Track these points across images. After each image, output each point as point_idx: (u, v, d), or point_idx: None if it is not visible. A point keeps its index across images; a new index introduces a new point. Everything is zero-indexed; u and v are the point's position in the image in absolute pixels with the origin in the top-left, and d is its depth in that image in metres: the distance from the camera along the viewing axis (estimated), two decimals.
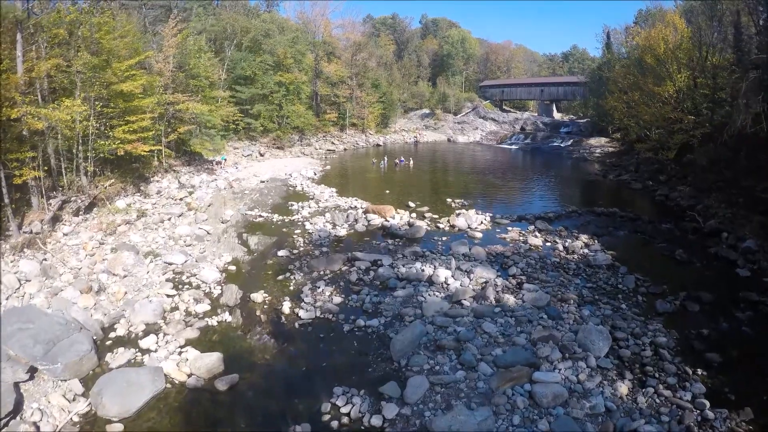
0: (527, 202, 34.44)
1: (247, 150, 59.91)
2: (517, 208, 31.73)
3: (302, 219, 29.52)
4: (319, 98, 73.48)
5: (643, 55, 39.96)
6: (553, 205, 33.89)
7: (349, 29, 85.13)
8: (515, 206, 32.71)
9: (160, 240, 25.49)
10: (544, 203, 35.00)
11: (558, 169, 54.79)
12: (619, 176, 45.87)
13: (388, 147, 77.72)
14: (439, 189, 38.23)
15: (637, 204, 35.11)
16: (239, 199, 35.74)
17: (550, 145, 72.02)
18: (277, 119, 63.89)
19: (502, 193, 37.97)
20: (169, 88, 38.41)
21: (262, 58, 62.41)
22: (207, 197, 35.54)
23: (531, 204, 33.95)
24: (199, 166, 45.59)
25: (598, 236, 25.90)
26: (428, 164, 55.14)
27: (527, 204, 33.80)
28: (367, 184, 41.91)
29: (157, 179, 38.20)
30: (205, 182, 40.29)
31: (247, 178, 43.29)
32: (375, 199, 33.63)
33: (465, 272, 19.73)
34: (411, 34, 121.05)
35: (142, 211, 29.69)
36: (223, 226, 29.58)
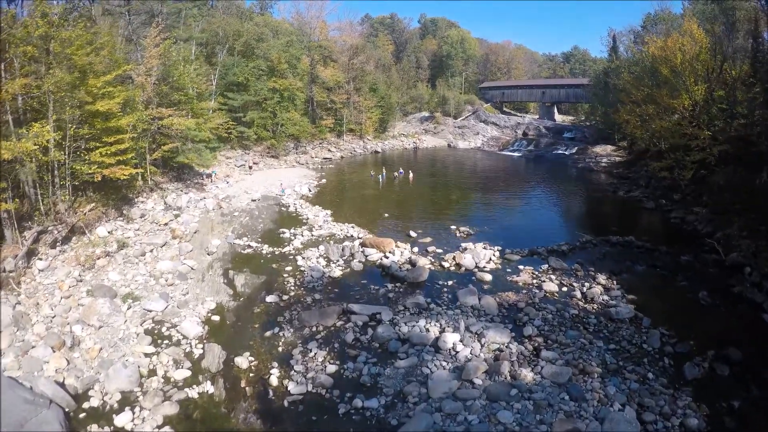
0: (537, 229, 32.06)
1: (240, 160, 57.49)
2: (527, 237, 29.41)
3: (294, 251, 27.20)
4: (315, 104, 70.94)
5: (659, 66, 37.55)
6: (565, 232, 31.68)
7: (346, 31, 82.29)
8: (525, 234, 30.36)
9: (140, 279, 23.33)
10: (555, 229, 32.78)
11: (565, 181, 52.46)
12: (629, 192, 43.62)
13: (387, 153, 75.39)
14: (442, 211, 35.98)
15: (651, 228, 32.96)
16: (227, 223, 33.41)
17: (555, 152, 69.73)
18: (271, 127, 61.45)
19: (510, 216, 35.42)
20: (153, 103, 35.88)
21: (255, 64, 59.89)
22: (193, 221, 33.24)
23: (541, 230, 31.59)
24: (188, 180, 43.22)
25: (616, 274, 23.82)
26: (429, 177, 52.71)
27: (537, 231, 31.44)
28: (365, 203, 39.59)
29: (141, 200, 35.84)
30: (193, 202, 37.87)
31: (238, 196, 40.91)
32: (373, 225, 31.41)
33: (475, 335, 17.43)
34: (410, 34, 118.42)
35: (122, 242, 27.31)
36: (208, 259, 27.32)
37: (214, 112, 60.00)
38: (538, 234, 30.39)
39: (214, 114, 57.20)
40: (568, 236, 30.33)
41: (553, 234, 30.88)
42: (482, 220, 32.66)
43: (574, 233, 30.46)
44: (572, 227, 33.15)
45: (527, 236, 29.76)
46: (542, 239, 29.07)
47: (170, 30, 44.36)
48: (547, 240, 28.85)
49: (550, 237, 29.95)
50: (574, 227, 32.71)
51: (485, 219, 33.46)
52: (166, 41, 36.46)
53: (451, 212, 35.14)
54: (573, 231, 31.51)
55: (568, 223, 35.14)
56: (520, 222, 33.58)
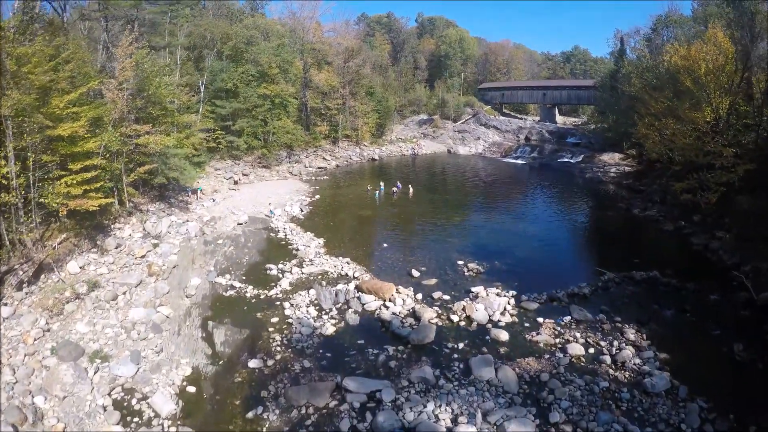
0: (552, 261, 28.92)
1: (230, 171, 54.24)
2: (543, 274, 26.49)
3: (281, 294, 24.15)
4: (308, 110, 67.68)
5: (680, 76, 34.54)
6: (583, 266, 28.80)
7: (341, 33, 78.78)
8: (539, 268, 27.38)
9: (110, 331, 20.70)
10: (572, 261, 29.87)
11: (574, 196, 49.58)
12: (645, 211, 40.77)
13: (384, 161, 72.29)
14: (446, 238, 32.75)
15: (674, 258, 30.11)
16: (210, 254, 30.35)
17: (560, 160, 66.74)
18: (262, 136, 58.23)
19: (521, 244, 31.66)
20: (128, 120, 32.62)
21: (244, 69, 56.53)
22: (173, 252, 30.22)
23: (557, 264, 28.59)
24: (172, 199, 40.03)
25: (645, 324, 21.17)
26: (429, 192, 49.34)
27: (553, 264, 28.39)
28: (361, 228, 36.45)
29: (118, 226, 32.69)
30: (174, 226, 34.73)
31: (224, 217, 37.77)
32: (370, 259, 28.43)
33: (494, 427, 14.42)
34: (407, 34, 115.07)
35: (93, 282, 24.35)
36: (186, 303, 24.41)
37: (204, 118, 57.09)
38: (554, 269, 27.47)
39: (201, 123, 54.28)
40: (587, 272, 27.40)
41: (571, 268, 28.01)
42: (491, 252, 29.46)
43: (593, 268, 27.44)
44: (590, 259, 30.16)
45: (542, 272, 26.83)
46: (559, 276, 26.20)
47: (147, 37, 40.91)
48: (565, 277, 25.99)
49: (568, 273, 27.06)
50: (592, 259, 29.72)
51: (494, 249, 30.22)
52: (140, 51, 33.08)
53: (456, 240, 31.98)
54: (591, 264, 28.53)
55: (584, 253, 32.10)
56: (533, 253, 30.33)
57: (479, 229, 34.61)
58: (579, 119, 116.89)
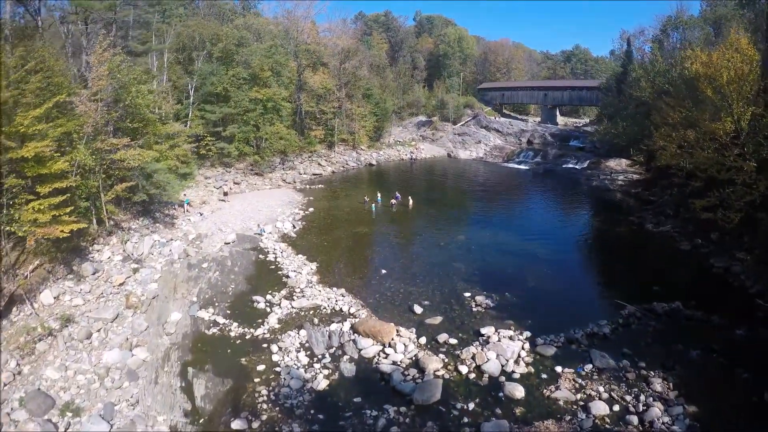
0: (566, 291, 26.07)
1: (220, 179, 51.79)
2: (558, 307, 24.08)
3: (269, 334, 21.81)
4: (303, 114, 65.11)
5: (700, 84, 32.12)
6: (600, 297, 26.32)
7: (337, 32, 76.08)
8: (553, 300, 24.78)
9: (83, 379, 18.96)
10: (588, 291, 27.33)
11: (582, 208, 47.37)
12: (659, 226, 38.57)
13: (382, 166, 69.83)
14: (450, 262, 29.69)
15: (694, 284, 27.79)
16: (193, 281, 27.97)
17: (565, 166, 64.33)
18: (254, 142, 55.69)
19: (531, 270, 28.91)
20: (104, 133, 30.07)
21: (234, 72, 53.94)
22: (154, 279, 27.99)
23: (572, 294, 25.91)
24: (157, 213, 37.56)
25: (670, 369, 19.12)
26: (430, 202, 46.82)
27: (567, 295, 25.65)
28: (357, 249, 33.84)
29: (97, 248, 30.32)
30: (157, 246, 32.37)
31: (211, 235, 35.35)
32: (367, 290, 26.00)
33: None
34: (405, 33, 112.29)
35: (67, 317, 22.37)
36: (165, 343, 22.19)
37: (194, 124, 54.50)
38: (569, 300, 25.08)
39: (190, 129, 51.74)
40: (606, 304, 25.01)
41: (587, 300, 25.66)
42: (500, 280, 27.04)
43: (611, 299, 25.07)
44: (607, 287, 27.63)
45: (557, 304, 24.46)
46: (576, 310, 23.92)
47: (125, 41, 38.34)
48: (582, 311, 23.74)
49: (585, 305, 24.78)
50: (610, 287, 27.22)
51: (503, 276, 27.82)
52: (115, 57, 30.51)
53: (461, 265, 29.40)
54: (609, 293, 26.13)
55: (601, 279, 29.37)
56: (544, 281, 27.65)
57: (485, 251, 31.96)
58: (581, 120, 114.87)
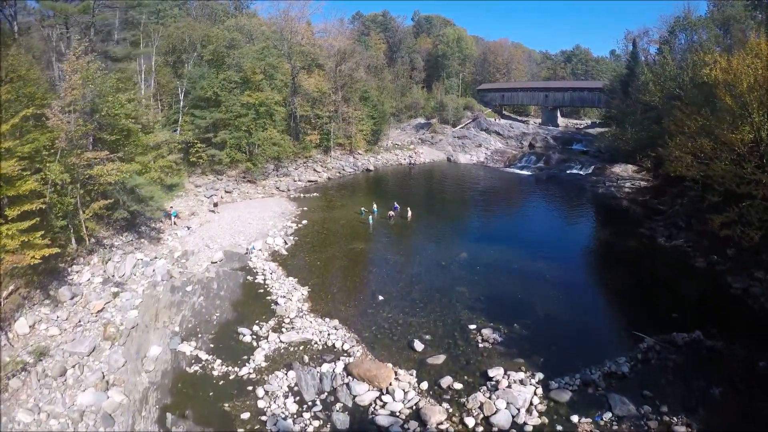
0: (580, 322, 23.56)
1: (211, 188, 49.54)
2: (571, 340, 21.84)
3: (255, 375, 19.69)
4: (297, 118, 62.79)
5: (719, 92, 29.92)
6: (616, 328, 24.07)
7: (333, 34, 73.65)
8: (567, 334, 22.28)
9: (56, 424, 17.66)
10: (603, 321, 24.96)
11: (590, 218, 45.18)
12: (671, 239, 36.53)
13: (380, 171, 67.58)
14: (453, 286, 27.48)
15: (713, 308, 25.67)
16: (176, 307, 25.76)
17: (569, 172, 62.00)
18: (246, 148, 53.40)
19: (541, 298, 26.22)
20: (80, 147, 27.80)
21: (225, 75, 51.66)
22: (135, 304, 25.99)
23: (586, 325, 23.52)
24: (142, 227, 35.43)
25: (693, 411, 17.44)
26: (429, 213, 44.63)
27: (581, 327, 23.16)
28: (353, 272, 31.10)
29: (76, 269, 28.35)
30: (140, 266, 30.33)
31: (198, 252, 33.15)
32: (362, 320, 23.72)
33: None
34: (403, 33, 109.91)
35: (41, 350, 20.99)
36: (144, 381, 20.37)
37: (184, 130, 52.25)
38: (582, 331, 22.85)
39: (178, 136, 49.51)
40: (622, 335, 22.89)
41: (602, 330, 23.51)
42: (507, 308, 24.78)
43: (627, 329, 22.88)
44: (622, 312, 25.48)
45: (570, 337, 22.23)
46: (590, 342, 21.82)
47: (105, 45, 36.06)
48: (598, 344, 21.68)
49: (600, 337, 22.67)
50: (624, 314, 25.09)
51: (510, 304, 25.49)
52: (91, 64, 28.20)
53: (465, 289, 27.01)
54: (624, 321, 24.03)
55: (614, 304, 26.86)
56: (555, 308, 25.16)
57: (489, 271, 29.56)
58: (581, 121, 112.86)
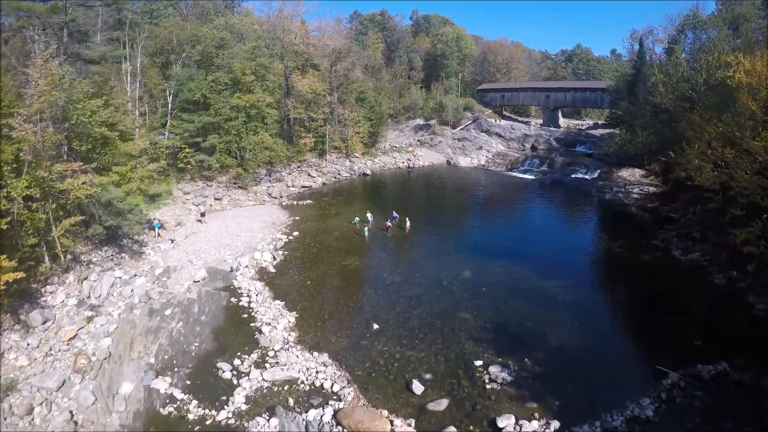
0: (597, 355, 21.12)
1: (200, 195, 47.10)
2: (588, 377, 19.51)
3: (234, 419, 17.59)
4: (291, 121, 60.33)
5: (742, 96, 27.57)
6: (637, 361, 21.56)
7: (328, 32, 71.17)
8: (584, 370, 19.94)
9: None
10: (622, 352, 22.43)
11: (598, 228, 42.78)
12: (687, 252, 34.26)
13: (377, 175, 65.14)
14: (455, 312, 25.01)
15: (736, 330, 23.49)
16: (153, 334, 23.53)
17: (574, 176, 59.61)
18: (237, 153, 50.93)
19: (553, 326, 23.69)
20: (50, 158, 25.37)
21: (214, 77, 49.16)
22: (110, 330, 23.92)
23: (603, 357, 21.14)
24: (125, 239, 33.17)
25: None
26: (429, 222, 42.09)
27: (599, 361, 20.76)
28: (345, 293, 28.18)
29: (50, 290, 26.25)
30: (118, 285, 28.24)
31: (180, 268, 30.80)
32: (355, 352, 21.35)
33: None
34: (402, 32, 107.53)
35: (8, 385, 19.54)
36: (113, 424, 19.15)
37: (171, 135, 49.87)
38: (600, 366, 20.49)
39: (166, 140, 47.09)
40: (643, 369, 20.55)
41: (621, 364, 21.09)
42: (516, 339, 22.40)
43: (648, 363, 20.57)
44: (641, 342, 22.93)
45: (587, 372, 19.91)
46: (609, 379, 19.52)
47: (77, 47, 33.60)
48: (617, 381, 19.36)
49: (619, 371, 20.29)
50: (644, 343, 22.68)
51: (519, 334, 22.99)
52: (59, 69, 25.78)
53: (469, 315, 24.49)
54: (645, 353, 21.68)
55: (632, 331, 24.14)
56: (569, 339, 22.66)
57: (495, 293, 27.14)
58: (583, 122, 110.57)
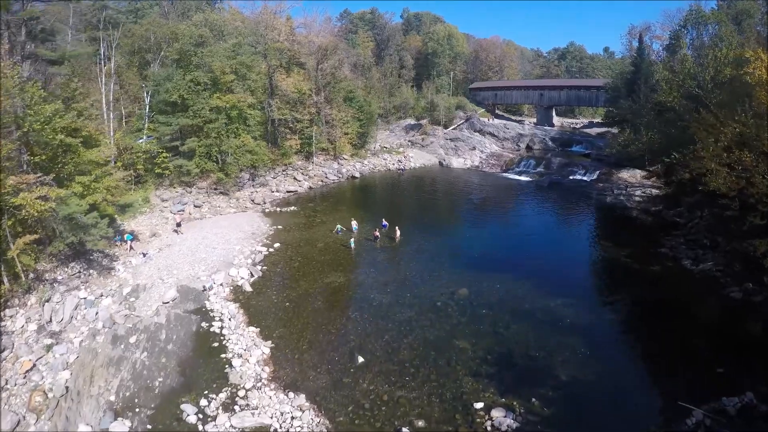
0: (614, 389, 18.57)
1: (179, 202, 44.09)
2: (605, 420, 16.98)
3: None
4: (276, 122, 57.48)
5: (759, 94, 25.20)
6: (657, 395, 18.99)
7: (314, 30, 68.14)
8: (600, 411, 17.35)
9: None
10: (641, 384, 19.83)
11: (601, 234, 40.25)
12: (698, 262, 32.02)
13: (367, 178, 62.52)
14: (452, 338, 22.19)
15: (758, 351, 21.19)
16: (115, 366, 20.96)
17: (572, 177, 57.23)
18: (217, 157, 48.00)
19: (561, 354, 21.02)
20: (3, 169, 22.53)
21: (192, 76, 46.13)
22: (69, 361, 21.44)
23: (621, 392, 18.58)
24: (94, 254, 30.30)
25: None
26: (421, 231, 39.04)
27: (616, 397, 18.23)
28: (328, 317, 24.85)
29: (9, 314, 23.63)
30: (83, 307, 25.75)
31: (150, 286, 28.05)
32: (336, 391, 18.52)
33: None
34: (392, 30, 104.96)
35: None
36: None
37: (149, 138, 47.06)
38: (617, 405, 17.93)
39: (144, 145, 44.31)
40: (664, 406, 18.08)
41: (640, 400, 18.52)
42: (521, 373, 19.69)
43: (669, 398, 18.05)
44: (660, 372, 20.29)
45: (604, 414, 17.41)
46: (629, 421, 17.02)
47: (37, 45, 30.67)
48: (638, 423, 16.85)
49: (638, 410, 17.79)
50: (663, 373, 20.10)
51: (524, 364, 20.34)
52: (12, 71, 22.94)
53: (466, 343, 21.66)
54: (665, 387, 19.15)
55: (649, 359, 21.59)
56: (581, 371, 19.86)
57: (495, 316, 24.34)
58: (577, 120, 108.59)
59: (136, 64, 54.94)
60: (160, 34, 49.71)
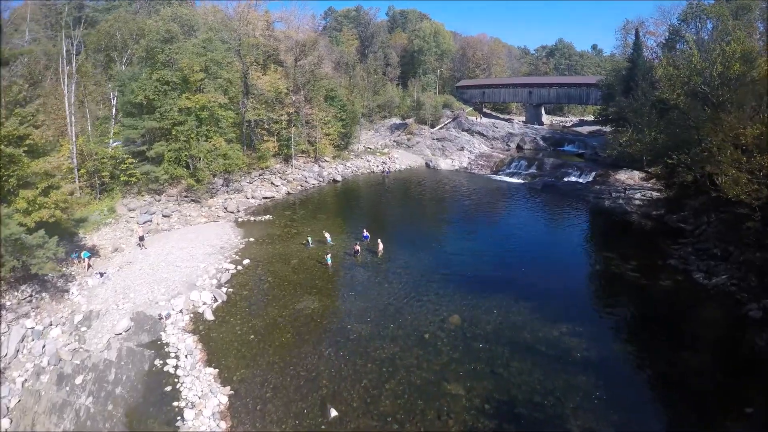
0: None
1: (146, 212, 40.37)
2: None
3: None
4: (252, 123, 53.95)
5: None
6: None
7: (293, 25, 64.44)
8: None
9: None
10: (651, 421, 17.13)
11: (601, 242, 37.69)
12: (711, 276, 29.29)
13: (349, 181, 59.21)
14: (442, 380, 18.96)
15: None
16: (58, 413, 18.20)
17: (567, 180, 54.45)
18: (187, 162, 44.35)
19: (573, 399, 17.86)
20: None
21: (159, 75, 42.39)
22: (8, 409, 18.46)
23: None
24: (48, 275, 26.62)
25: None
26: (406, 243, 35.38)
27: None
28: (297, 355, 21.14)
29: None
30: (29, 339, 22.71)
31: (105, 312, 24.73)
32: None
33: None
34: (377, 27, 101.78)
35: None
36: None
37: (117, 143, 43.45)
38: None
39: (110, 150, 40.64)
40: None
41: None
42: (524, 425, 16.73)
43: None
44: (685, 421, 17.21)
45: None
46: None
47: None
48: None
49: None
50: (690, 423, 17.14)
51: (528, 415, 17.16)
52: None
53: (460, 387, 18.36)
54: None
55: (673, 403, 18.07)
56: (594, 420, 17.08)
57: (493, 350, 20.90)
58: (566, 118, 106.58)
59: (102, 63, 51.23)
60: (126, 30, 45.84)
